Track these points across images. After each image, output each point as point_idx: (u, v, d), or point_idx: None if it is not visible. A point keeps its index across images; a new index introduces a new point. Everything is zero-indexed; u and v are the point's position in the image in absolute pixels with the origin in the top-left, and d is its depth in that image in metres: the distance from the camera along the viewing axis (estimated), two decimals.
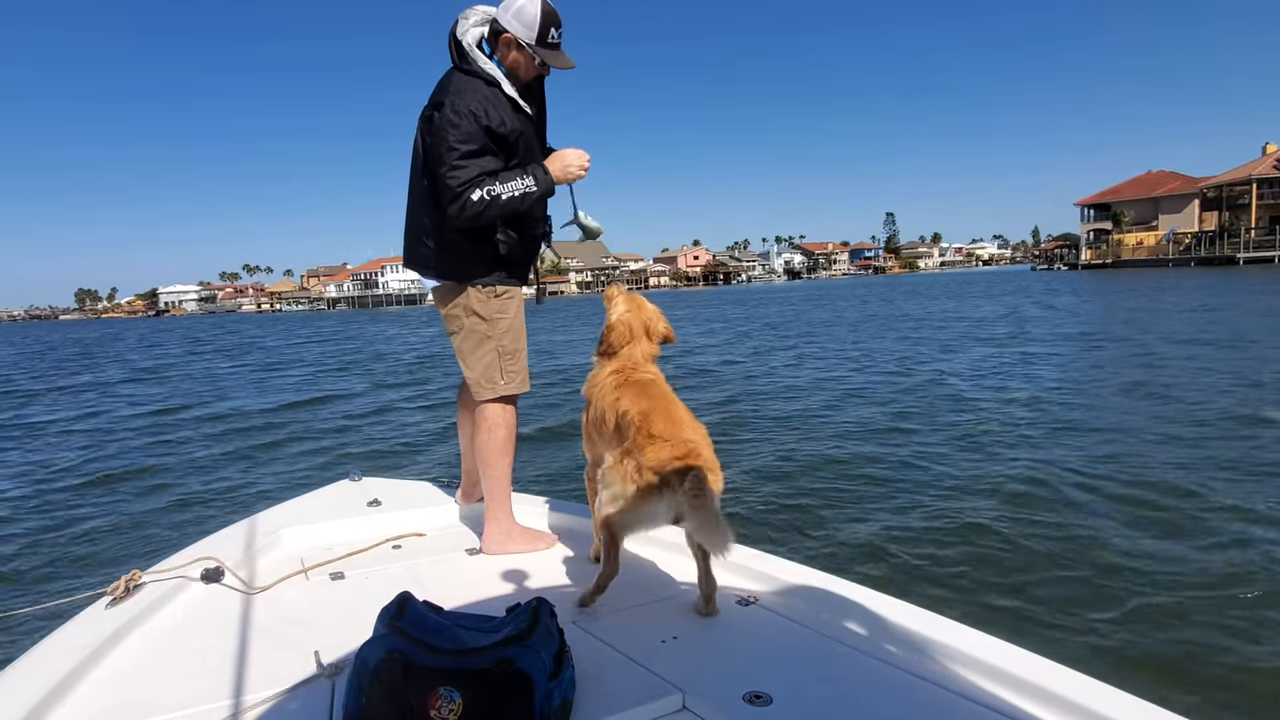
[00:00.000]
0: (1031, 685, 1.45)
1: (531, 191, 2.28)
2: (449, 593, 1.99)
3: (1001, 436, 6.89)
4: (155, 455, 8.35)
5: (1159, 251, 61.15)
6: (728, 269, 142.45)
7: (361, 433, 9.22)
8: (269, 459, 7.92)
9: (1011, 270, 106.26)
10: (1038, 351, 13.09)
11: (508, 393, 2.48)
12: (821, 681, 1.55)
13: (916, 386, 10.11)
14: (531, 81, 2.37)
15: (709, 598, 1.90)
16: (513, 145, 2.31)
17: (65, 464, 8.02)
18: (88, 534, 5.48)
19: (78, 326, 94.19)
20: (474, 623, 1.53)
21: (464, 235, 2.33)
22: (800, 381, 11.36)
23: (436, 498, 2.98)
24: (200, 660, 1.74)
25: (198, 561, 2.25)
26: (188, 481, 7.02)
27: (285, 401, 12.11)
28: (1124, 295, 27.97)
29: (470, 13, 2.32)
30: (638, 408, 1.96)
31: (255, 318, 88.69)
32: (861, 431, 7.46)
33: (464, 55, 2.30)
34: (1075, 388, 9.33)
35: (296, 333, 38.29)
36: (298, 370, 17.85)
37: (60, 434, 10.22)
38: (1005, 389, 9.40)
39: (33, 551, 5.13)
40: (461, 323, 2.46)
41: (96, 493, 6.78)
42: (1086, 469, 5.64)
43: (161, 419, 11.04)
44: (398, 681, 1.30)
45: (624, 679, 1.58)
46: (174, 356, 24.95)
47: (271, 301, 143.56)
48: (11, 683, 1.58)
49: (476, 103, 2.21)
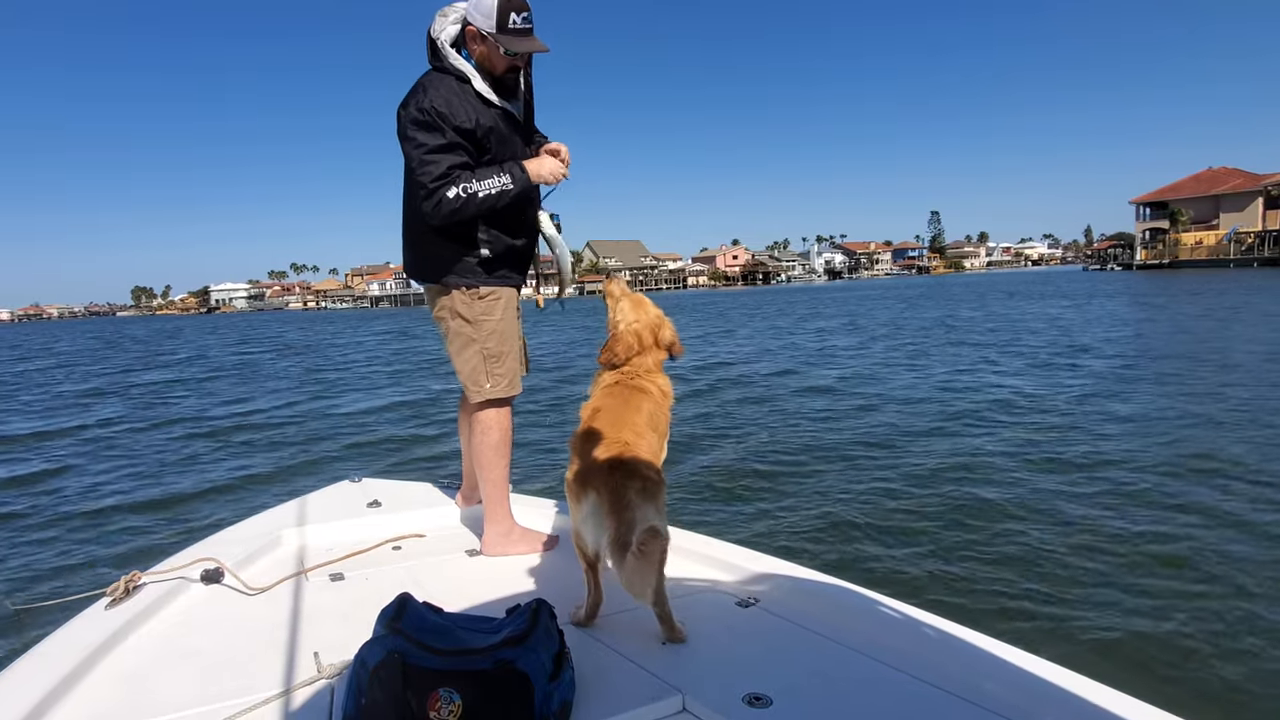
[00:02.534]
0: (1032, 686, 1.44)
1: (509, 189, 2.27)
2: (449, 594, 2.00)
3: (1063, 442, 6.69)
4: (178, 452, 8.46)
5: (1219, 251, 58.70)
6: (766, 269, 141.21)
7: (375, 432, 9.18)
8: (268, 460, 7.93)
9: (1061, 271, 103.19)
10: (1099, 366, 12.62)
11: (494, 396, 2.46)
12: (822, 683, 1.55)
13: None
14: (508, 73, 2.34)
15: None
16: (481, 141, 2.30)
17: (67, 465, 8.08)
18: (88, 534, 5.52)
19: (136, 322, 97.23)
20: (474, 624, 1.54)
21: (446, 237, 2.34)
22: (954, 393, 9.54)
23: (436, 499, 2.99)
24: (200, 661, 1.75)
25: (198, 562, 2.26)
26: (186, 482, 7.06)
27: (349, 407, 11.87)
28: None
29: (450, 10, 2.33)
30: (588, 411, 1.93)
31: (308, 315, 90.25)
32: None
33: (437, 53, 2.31)
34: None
35: (366, 329, 38.20)
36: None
37: (75, 428, 10.37)
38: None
39: (33, 552, 5.16)
40: (448, 325, 2.47)
41: (98, 493, 6.79)
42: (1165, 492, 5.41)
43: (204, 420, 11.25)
44: (397, 682, 1.30)
45: (624, 680, 1.58)
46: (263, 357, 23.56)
47: (317, 300, 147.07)
48: (12, 683, 1.59)
49: (441, 100, 2.22)
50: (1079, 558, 4.08)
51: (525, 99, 2.47)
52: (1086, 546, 4.22)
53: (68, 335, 56.36)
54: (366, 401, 11.84)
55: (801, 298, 51.91)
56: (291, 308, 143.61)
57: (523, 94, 2.46)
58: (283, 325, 51.89)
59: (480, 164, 2.31)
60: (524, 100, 2.47)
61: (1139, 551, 4.13)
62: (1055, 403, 8.51)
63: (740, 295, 67.15)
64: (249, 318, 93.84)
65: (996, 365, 11.95)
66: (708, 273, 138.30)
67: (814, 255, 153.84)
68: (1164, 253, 63.47)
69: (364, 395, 12.61)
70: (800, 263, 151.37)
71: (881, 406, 8.96)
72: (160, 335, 44.62)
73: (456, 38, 2.32)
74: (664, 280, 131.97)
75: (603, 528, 1.69)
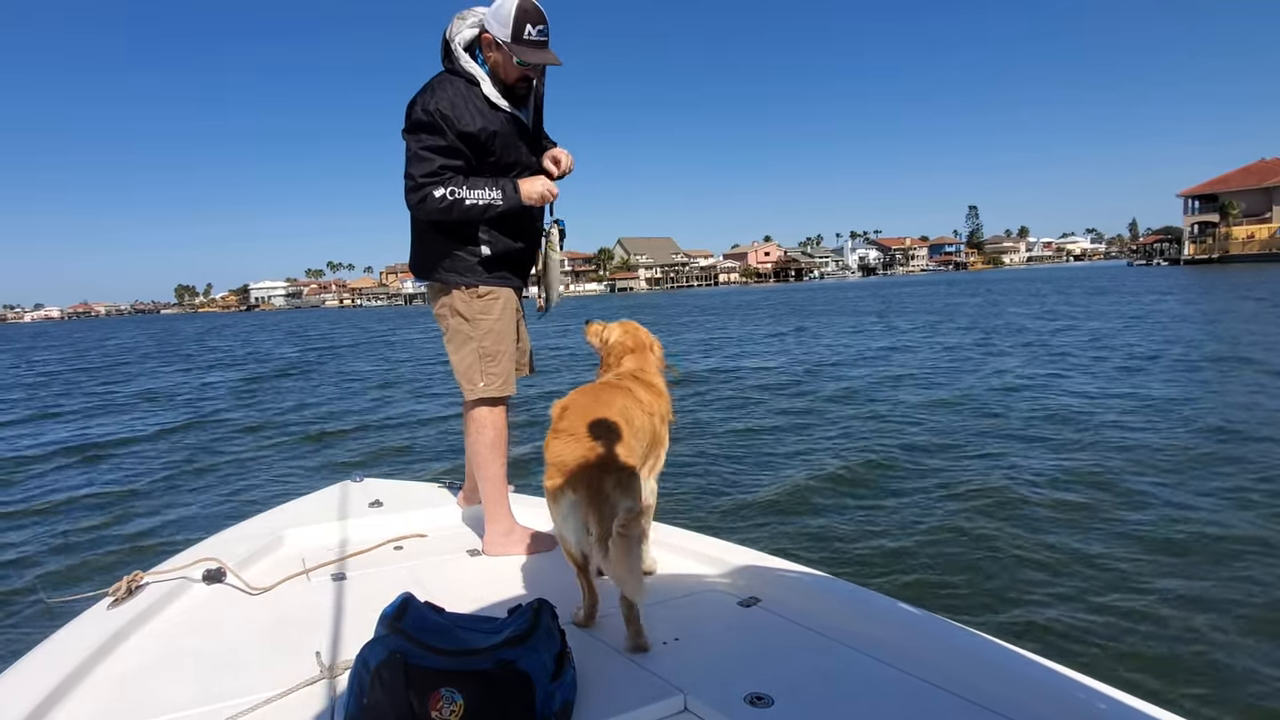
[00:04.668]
0: (1033, 685, 1.43)
1: (496, 204, 2.29)
2: (450, 594, 1.99)
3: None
4: (191, 450, 8.55)
5: (1272, 245, 56.59)
6: (799, 265, 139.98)
7: (378, 433, 9.18)
8: (271, 460, 8.01)
9: (1105, 266, 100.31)
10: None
11: (487, 395, 2.47)
12: (823, 683, 1.54)
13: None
14: (520, 82, 2.36)
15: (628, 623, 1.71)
16: (485, 144, 2.31)
17: (68, 465, 8.18)
18: (89, 534, 5.58)
19: (181, 320, 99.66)
20: (475, 624, 1.54)
21: (447, 236, 2.37)
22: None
23: (438, 499, 2.98)
24: (202, 661, 1.76)
25: (199, 562, 2.27)
26: (189, 480, 7.16)
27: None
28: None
29: (468, 13, 2.35)
30: (556, 409, 1.89)
31: (343, 313, 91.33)
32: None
33: (449, 54, 2.34)
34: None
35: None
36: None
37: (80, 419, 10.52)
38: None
39: (34, 552, 5.21)
40: (446, 322, 2.49)
41: (99, 492, 6.87)
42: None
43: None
44: (399, 682, 1.30)
45: (625, 680, 1.58)
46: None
47: (353, 297, 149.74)
48: (14, 682, 1.60)
49: (446, 102, 2.24)
50: (1079, 556, 4.07)
51: (535, 105, 2.49)
52: (1086, 546, 4.21)
53: (123, 332, 57.63)
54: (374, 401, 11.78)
55: (860, 294, 50.73)
56: (328, 305, 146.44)
57: (532, 101, 2.48)
58: (333, 323, 51.80)
59: (483, 166, 2.33)
60: (533, 107, 2.49)
61: (1139, 551, 4.12)
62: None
63: (784, 292, 65.98)
64: (292, 315, 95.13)
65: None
66: (739, 269, 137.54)
67: (847, 251, 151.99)
68: (1213, 247, 61.35)
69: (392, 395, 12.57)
70: (834, 259, 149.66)
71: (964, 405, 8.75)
72: (210, 333, 45.19)
73: (471, 41, 2.34)
74: (695, 277, 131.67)
75: (584, 528, 1.67)
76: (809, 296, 49.97)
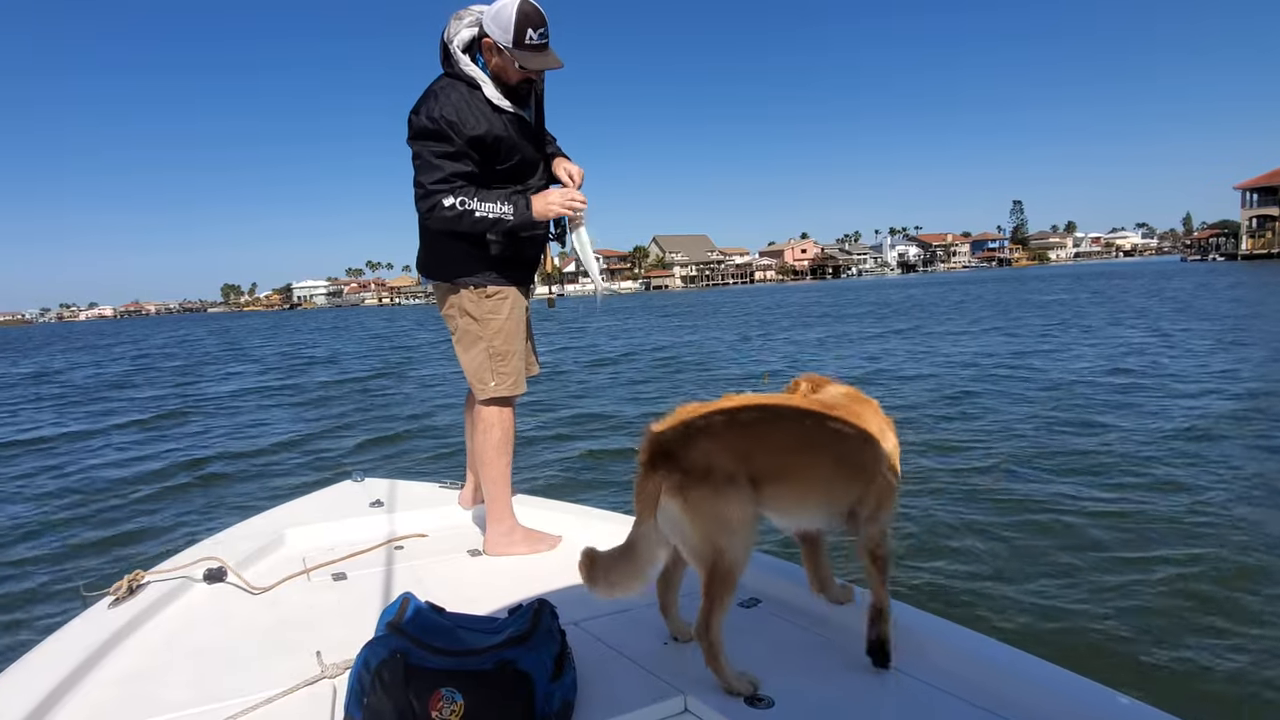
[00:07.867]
0: (1033, 686, 1.42)
1: (506, 219, 2.29)
2: (451, 594, 1.98)
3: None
4: (189, 451, 8.49)
5: None
6: (836, 262, 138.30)
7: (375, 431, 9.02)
8: (271, 460, 7.96)
9: (1157, 262, 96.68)
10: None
11: (498, 394, 2.47)
12: (823, 683, 1.54)
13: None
14: (522, 84, 2.35)
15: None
16: (492, 146, 2.31)
17: (71, 464, 8.20)
18: (90, 534, 5.58)
19: (227, 319, 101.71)
20: (476, 624, 1.55)
21: (454, 236, 2.36)
22: None
23: (438, 499, 2.98)
24: (202, 660, 1.76)
25: (200, 562, 2.28)
26: (188, 481, 7.12)
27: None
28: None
29: (464, 13, 2.33)
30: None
31: (388, 311, 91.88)
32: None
33: (449, 57, 2.32)
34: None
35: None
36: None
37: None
38: None
39: (35, 552, 5.21)
40: (456, 323, 2.50)
41: (100, 492, 6.87)
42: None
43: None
44: (399, 682, 1.32)
45: (626, 681, 1.58)
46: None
47: (391, 296, 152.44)
48: (14, 682, 1.61)
49: (450, 107, 2.23)
50: (1078, 558, 4.01)
51: (536, 104, 2.49)
52: (1087, 545, 4.16)
53: (178, 329, 58.18)
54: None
55: (924, 292, 46.64)
56: (367, 304, 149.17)
57: (534, 100, 2.48)
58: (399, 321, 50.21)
59: (491, 168, 2.33)
60: (535, 106, 2.48)
61: (1141, 549, 4.06)
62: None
63: (835, 290, 64.00)
64: (334, 313, 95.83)
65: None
66: (775, 267, 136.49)
67: (886, 248, 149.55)
68: (1273, 241, 58.93)
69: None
70: (872, 255, 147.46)
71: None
72: (254, 333, 45.08)
73: (470, 43, 2.33)
74: (730, 275, 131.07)
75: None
76: (883, 295, 44.85)
